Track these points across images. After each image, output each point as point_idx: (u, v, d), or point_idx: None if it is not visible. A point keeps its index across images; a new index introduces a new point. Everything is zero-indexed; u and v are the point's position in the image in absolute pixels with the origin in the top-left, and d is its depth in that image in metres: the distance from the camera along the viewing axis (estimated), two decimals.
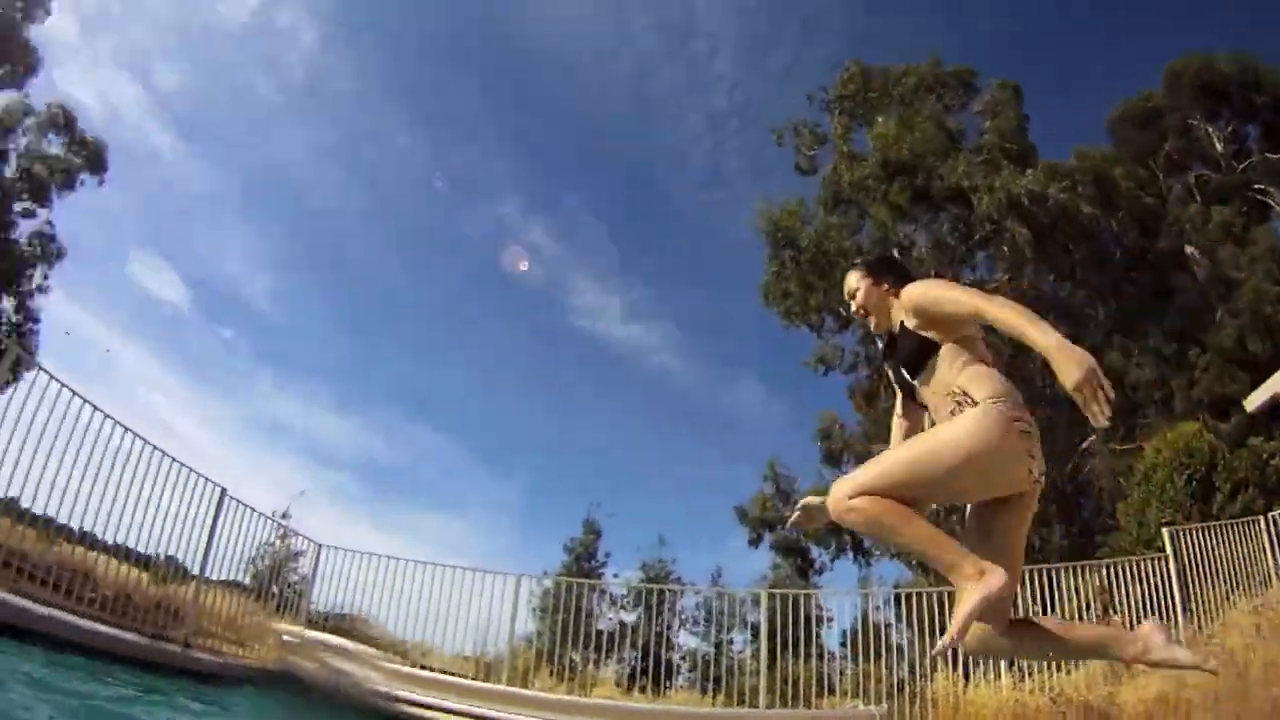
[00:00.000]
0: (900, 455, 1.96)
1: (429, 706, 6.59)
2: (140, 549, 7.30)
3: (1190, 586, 6.13)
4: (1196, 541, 6.37)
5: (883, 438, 12.60)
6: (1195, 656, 1.97)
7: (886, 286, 2.25)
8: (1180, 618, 5.94)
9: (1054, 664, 5.74)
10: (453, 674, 8.32)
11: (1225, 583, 6.06)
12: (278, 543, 9.29)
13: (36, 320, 12.84)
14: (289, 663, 7.35)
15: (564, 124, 26.33)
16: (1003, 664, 5.86)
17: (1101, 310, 14.36)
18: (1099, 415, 1.73)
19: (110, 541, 7.00)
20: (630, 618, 9.70)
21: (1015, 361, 9.83)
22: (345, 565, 8.95)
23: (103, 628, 5.81)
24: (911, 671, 6.56)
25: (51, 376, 5.97)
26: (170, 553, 7.69)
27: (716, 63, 25.89)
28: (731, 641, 8.82)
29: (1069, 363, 1.74)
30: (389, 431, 25.91)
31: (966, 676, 5.87)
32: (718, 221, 25.44)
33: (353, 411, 27.71)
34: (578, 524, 13.43)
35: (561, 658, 8.57)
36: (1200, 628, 5.85)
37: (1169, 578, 6.24)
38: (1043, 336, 1.78)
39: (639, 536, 19.34)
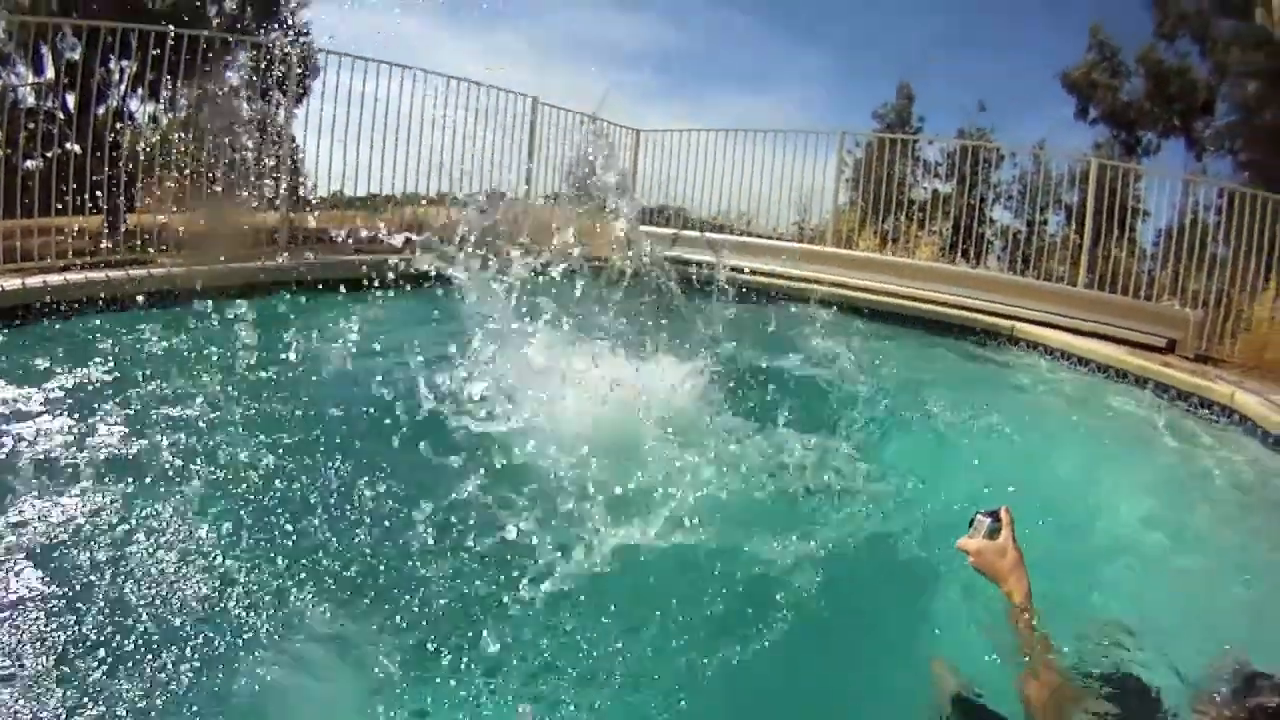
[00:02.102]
0: None
1: (762, 273, 7.66)
2: (461, 193, 7.99)
3: None
4: None
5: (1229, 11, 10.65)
6: None
7: None
8: None
9: None
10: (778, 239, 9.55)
11: None
12: (592, 145, 9.83)
13: (306, 33, 12.96)
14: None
15: None
16: None
17: None
18: None
19: (433, 194, 7.79)
20: (945, 188, 10.51)
21: None
22: (662, 153, 9.89)
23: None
24: (1232, 284, 6.82)
25: (341, 53, 6.81)
26: (491, 187, 8.29)
27: None
28: (1045, 222, 9.43)
29: None
30: (681, 17, 24.38)
31: None
32: None
33: (641, 6, 26.00)
34: (890, 92, 13.37)
35: (879, 224, 9.60)
36: None
37: None
38: None
39: (957, 98, 18.34)
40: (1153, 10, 11.71)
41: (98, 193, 5.84)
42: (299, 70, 7.09)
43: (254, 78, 7.16)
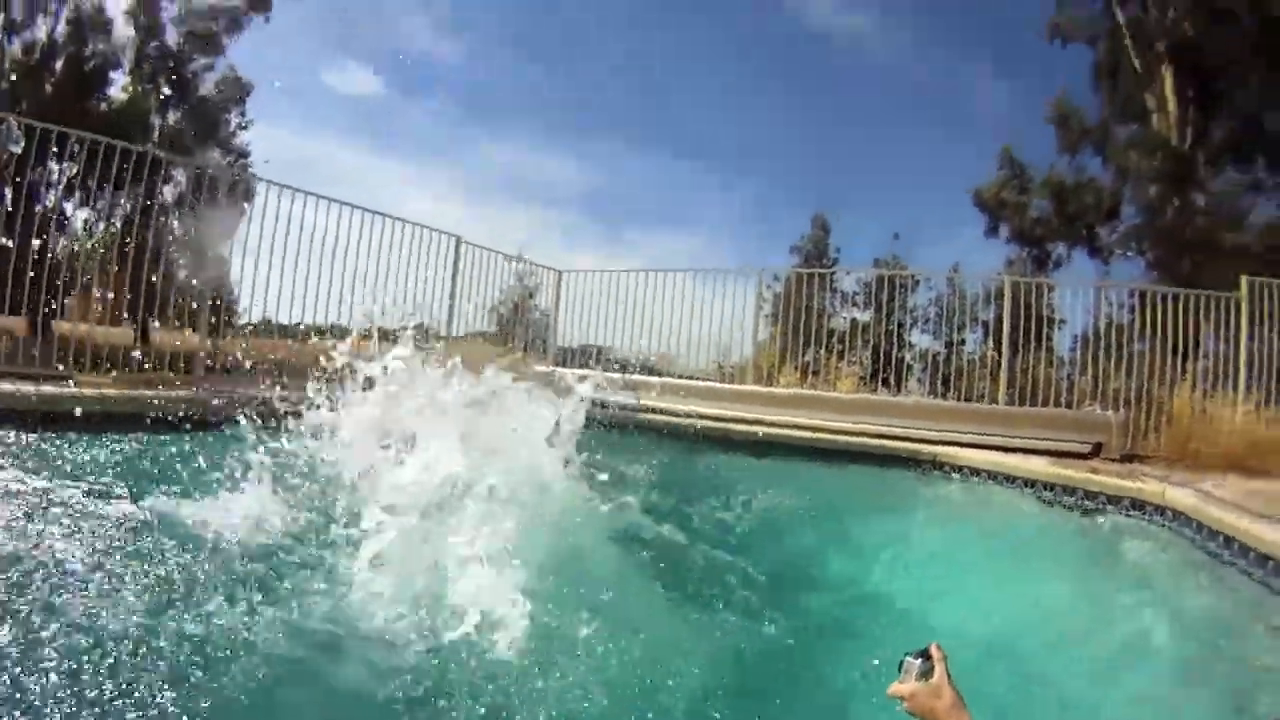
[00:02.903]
0: None
1: (684, 414, 7.34)
2: (387, 325, 8.29)
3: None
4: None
5: (1129, 118, 11.22)
6: None
7: None
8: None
9: None
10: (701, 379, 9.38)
11: None
12: (516, 283, 10.29)
13: (246, 156, 13.38)
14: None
15: None
16: (1242, 392, 5.95)
17: None
18: None
19: (357, 327, 7.99)
20: (864, 317, 10.38)
21: None
22: (584, 294, 10.00)
23: None
24: (1150, 379, 6.71)
25: (270, 181, 6.87)
26: (416, 322, 8.61)
27: None
28: (963, 342, 9.24)
29: None
30: (607, 161, 26.15)
31: (1205, 396, 6.04)
32: None
33: (568, 149, 28.10)
34: (806, 224, 13.72)
35: (800, 357, 9.40)
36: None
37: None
38: None
39: (872, 231, 19.06)
40: (1055, 129, 12.22)
41: (22, 294, 5.73)
42: (232, 193, 7.12)
43: (190, 197, 7.13)
